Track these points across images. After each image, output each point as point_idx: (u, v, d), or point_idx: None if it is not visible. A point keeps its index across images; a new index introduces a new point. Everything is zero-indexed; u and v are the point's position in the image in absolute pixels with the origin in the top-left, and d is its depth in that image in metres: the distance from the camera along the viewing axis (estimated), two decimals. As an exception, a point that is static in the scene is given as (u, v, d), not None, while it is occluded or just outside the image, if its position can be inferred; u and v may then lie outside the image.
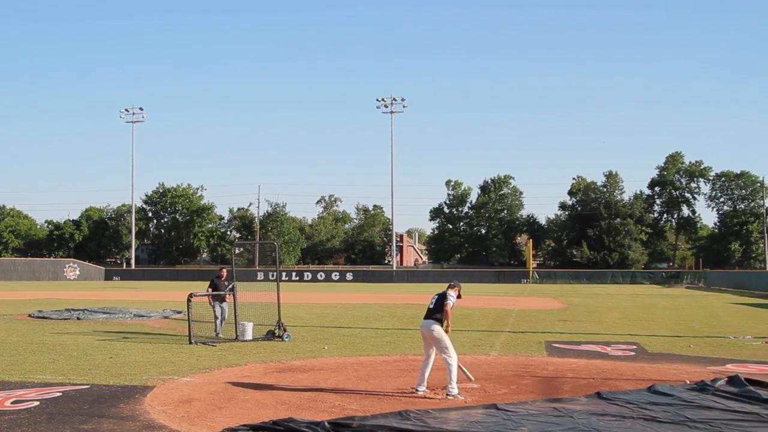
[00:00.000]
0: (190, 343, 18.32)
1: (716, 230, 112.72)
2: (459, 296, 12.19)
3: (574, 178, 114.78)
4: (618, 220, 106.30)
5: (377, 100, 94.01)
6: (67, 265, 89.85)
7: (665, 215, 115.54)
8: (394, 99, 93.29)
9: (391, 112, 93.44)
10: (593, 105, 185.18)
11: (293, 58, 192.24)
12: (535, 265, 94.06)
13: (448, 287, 12.17)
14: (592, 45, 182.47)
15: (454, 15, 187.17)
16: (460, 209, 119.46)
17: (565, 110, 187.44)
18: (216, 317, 20.44)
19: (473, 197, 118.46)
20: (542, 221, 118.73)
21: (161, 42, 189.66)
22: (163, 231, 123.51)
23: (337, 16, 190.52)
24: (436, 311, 11.86)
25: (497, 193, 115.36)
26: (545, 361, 15.65)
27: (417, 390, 11.79)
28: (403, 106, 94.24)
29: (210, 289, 20.62)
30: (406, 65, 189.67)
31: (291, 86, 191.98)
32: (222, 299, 20.57)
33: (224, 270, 21.46)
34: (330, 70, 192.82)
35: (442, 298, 11.96)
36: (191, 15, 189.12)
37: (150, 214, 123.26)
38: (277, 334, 19.41)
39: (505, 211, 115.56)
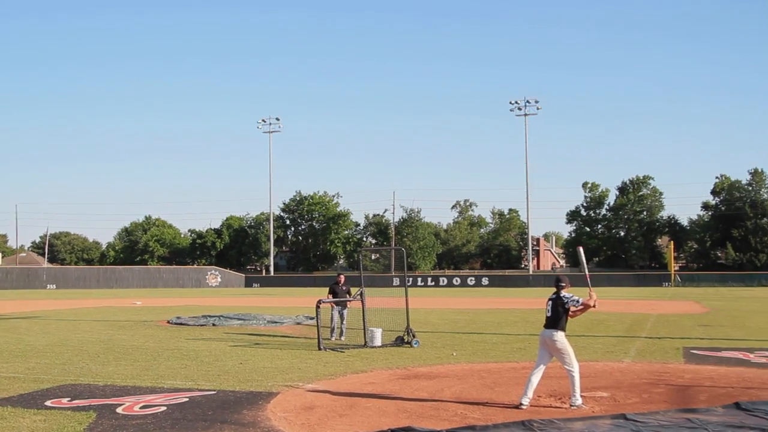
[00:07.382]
0: (320, 349, 18.45)
1: None
2: (588, 304, 10.91)
3: (716, 177, 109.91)
4: (765, 219, 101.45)
5: (510, 102, 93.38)
6: (209, 273, 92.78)
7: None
8: (528, 101, 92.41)
9: (525, 114, 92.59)
10: (734, 100, 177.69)
11: (426, 62, 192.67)
12: (677, 268, 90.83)
13: (559, 287, 11.15)
14: (728, 35, 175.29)
15: (586, 29, 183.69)
16: (597, 211, 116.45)
17: (704, 107, 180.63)
18: (332, 322, 20.92)
19: (611, 199, 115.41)
20: (684, 222, 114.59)
21: (293, 50, 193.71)
22: (300, 238, 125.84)
23: (470, 22, 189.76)
24: (557, 318, 10.98)
25: (636, 194, 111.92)
26: (682, 369, 14.95)
27: (521, 404, 10.76)
28: (537, 108, 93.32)
29: (330, 296, 20.92)
30: (539, 69, 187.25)
31: (423, 90, 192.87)
32: (342, 305, 20.84)
33: (342, 276, 21.77)
34: (462, 73, 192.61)
35: (557, 303, 11.03)
36: (324, 18, 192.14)
37: (288, 222, 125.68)
38: (405, 340, 19.32)
39: (645, 213, 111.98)
